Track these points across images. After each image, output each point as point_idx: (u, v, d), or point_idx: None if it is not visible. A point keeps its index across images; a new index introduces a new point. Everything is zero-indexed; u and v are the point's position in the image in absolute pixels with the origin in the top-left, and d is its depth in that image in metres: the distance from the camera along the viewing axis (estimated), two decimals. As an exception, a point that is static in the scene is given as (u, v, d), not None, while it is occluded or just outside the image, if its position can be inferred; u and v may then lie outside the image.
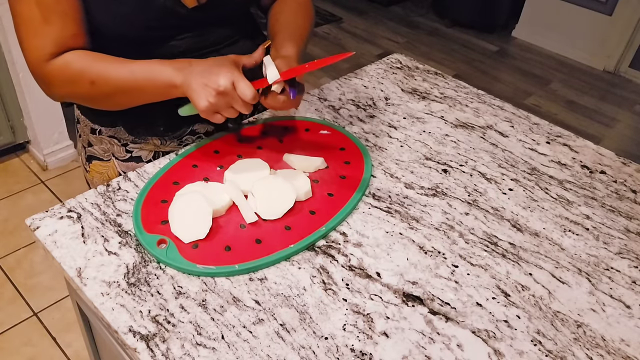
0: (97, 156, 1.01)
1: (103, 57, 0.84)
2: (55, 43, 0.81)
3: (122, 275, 0.72)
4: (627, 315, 0.73)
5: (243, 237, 0.77)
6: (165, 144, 0.99)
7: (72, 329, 1.72)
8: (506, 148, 1.02)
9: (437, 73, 1.25)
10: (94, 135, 1.00)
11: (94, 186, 1.03)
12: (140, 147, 0.99)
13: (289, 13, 0.99)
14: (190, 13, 0.86)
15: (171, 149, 0.99)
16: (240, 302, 0.70)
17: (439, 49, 3.59)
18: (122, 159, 1.00)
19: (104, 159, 1.01)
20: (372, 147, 0.99)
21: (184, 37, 0.89)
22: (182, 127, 0.97)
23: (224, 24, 0.93)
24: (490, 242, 0.82)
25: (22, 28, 0.80)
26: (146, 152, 0.99)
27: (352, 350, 0.65)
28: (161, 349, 0.64)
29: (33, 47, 0.81)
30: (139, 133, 0.96)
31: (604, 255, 0.81)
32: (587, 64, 3.49)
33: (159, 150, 0.99)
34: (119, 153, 0.99)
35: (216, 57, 0.83)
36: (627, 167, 1.00)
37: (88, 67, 0.82)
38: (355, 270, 0.75)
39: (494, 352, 0.66)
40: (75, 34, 0.82)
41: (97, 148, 1.01)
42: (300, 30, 0.95)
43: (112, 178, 0.99)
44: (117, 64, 0.83)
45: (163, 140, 0.98)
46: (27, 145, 2.36)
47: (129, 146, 0.99)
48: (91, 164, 1.02)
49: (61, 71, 0.82)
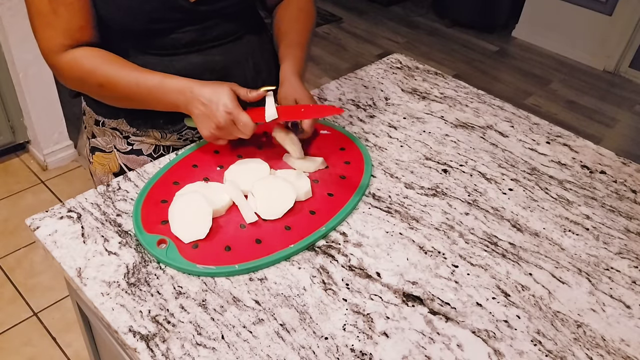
0: (99, 148, 1.03)
1: (113, 60, 0.86)
2: (64, 34, 0.83)
3: (122, 275, 0.72)
4: (627, 315, 0.73)
5: (243, 237, 0.77)
6: (166, 138, 0.99)
7: (72, 329, 1.72)
8: (506, 148, 1.02)
9: (437, 73, 1.25)
10: (97, 126, 1.01)
11: (96, 178, 1.05)
12: (141, 140, 0.99)
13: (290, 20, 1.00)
14: (193, 6, 0.87)
15: (171, 142, 1.00)
16: (240, 302, 0.70)
17: (439, 49, 3.59)
18: (123, 151, 1.01)
19: (106, 151, 1.02)
20: (372, 147, 0.99)
21: (187, 30, 0.90)
22: (182, 122, 0.98)
23: (228, 18, 0.93)
24: (490, 242, 0.82)
25: (34, 19, 0.83)
26: (147, 146, 1.00)
27: (352, 350, 0.65)
28: (161, 349, 0.64)
29: (44, 37, 0.84)
30: (140, 125, 0.97)
31: (604, 255, 0.81)
32: (587, 64, 3.49)
33: (159, 144, 1.00)
34: (120, 145, 1.00)
35: (215, 83, 0.84)
36: (627, 167, 1.00)
37: (97, 68, 0.85)
38: (355, 270, 0.75)
39: (494, 352, 0.66)
40: (82, 26, 0.84)
41: (100, 140, 1.02)
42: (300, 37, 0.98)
43: (113, 170, 1.02)
44: (125, 70, 0.85)
45: (163, 134, 0.98)
46: (27, 145, 2.36)
47: (130, 139, 1.00)
48: (94, 155, 1.04)
49: (71, 68, 0.85)
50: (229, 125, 0.82)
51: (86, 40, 0.86)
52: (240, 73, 0.97)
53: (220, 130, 0.83)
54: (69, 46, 0.84)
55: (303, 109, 0.86)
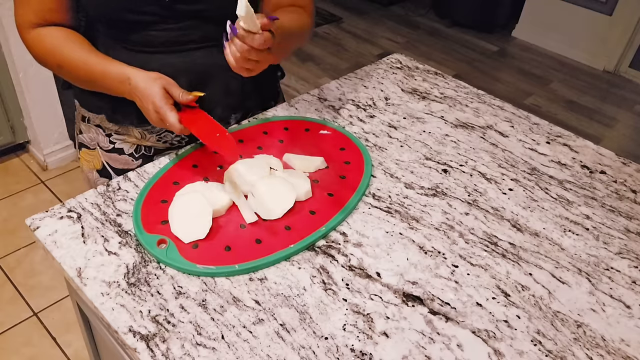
0: (85, 144, 1.05)
1: (72, 41, 0.88)
2: (35, 13, 0.87)
3: (122, 275, 0.72)
4: (627, 315, 0.73)
5: (243, 237, 0.77)
6: (146, 138, 1.00)
7: (72, 329, 1.72)
8: (506, 148, 1.02)
9: (437, 73, 1.25)
10: (83, 123, 1.03)
11: (84, 174, 1.08)
12: (123, 139, 1.00)
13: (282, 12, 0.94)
14: (170, 3, 0.86)
15: (152, 143, 1.00)
16: (240, 302, 0.70)
17: (439, 49, 3.59)
18: (105, 149, 1.02)
19: (90, 148, 1.04)
20: (372, 147, 0.99)
21: (165, 29, 0.89)
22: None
23: (210, 22, 0.90)
24: (490, 242, 0.82)
25: None
26: (128, 145, 1.01)
27: (352, 350, 0.65)
28: (161, 349, 0.64)
29: (18, 13, 0.89)
30: (118, 120, 0.98)
31: (604, 255, 0.81)
32: (587, 64, 3.49)
33: (140, 144, 1.00)
34: (103, 143, 1.02)
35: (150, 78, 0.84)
36: (627, 167, 1.00)
37: (57, 48, 0.88)
38: (355, 270, 0.75)
39: (494, 352, 0.66)
40: (52, 9, 0.87)
41: (86, 136, 1.04)
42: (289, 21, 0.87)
43: (97, 167, 1.03)
44: (79, 53, 0.88)
45: (143, 134, 0.99)
46: (27, 145, 2.35)
47: (112, 137, 1.00)
48: (81, 151, 1.06)
49: (34, 44, 0.89)
50: (159, 122, 0.84)
51: (57, 22, 0.89)
52: (222, 78, 0.95)
53: (155, 122, 0.85)
54: (37, 24, 0.88)
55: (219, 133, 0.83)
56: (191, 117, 0.84)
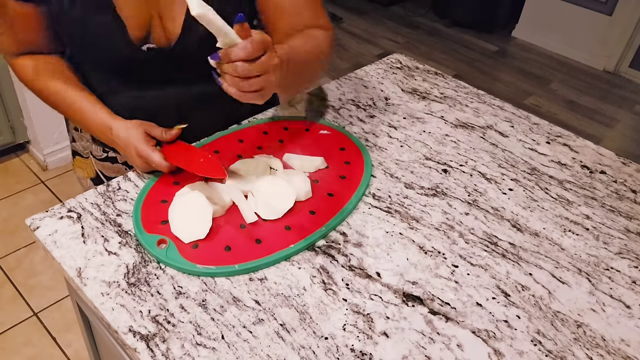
0: (78, 152, 1.05)
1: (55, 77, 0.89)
2: (16, 45, 0.88)
3: (122, 275, 0.72)
4: (627, 315, 0.73)
5: (243, 237, 0.77)
6: None
7: (72, 329, 1.72)
8: (506, 148, 1.02)
9: (437, 73, 1.25)
10: (76, 131, 1.04)
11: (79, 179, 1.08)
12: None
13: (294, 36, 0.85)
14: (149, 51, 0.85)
15: None
16: (240, 302, 0.70)
17: (439, 49, 3.59)
18: (99, 158, 1.02)
19: (84, 156, 1.04)
20: (372, 147, 0.99)
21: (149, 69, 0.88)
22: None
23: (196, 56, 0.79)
24: (490, 242, 0.82)
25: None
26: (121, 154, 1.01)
27: (352, 350, 0.65)
28: (161, 349, 0.64)
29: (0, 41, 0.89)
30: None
31: (604, 255, 0.81)
32: (587, 64, 3.49)
33: None
34: (96, 152, 1.02)
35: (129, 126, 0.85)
36: (627, 167, 1.00)
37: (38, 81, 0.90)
38: (355, 270, 0.75)
39: (494, 352, 0.66)
40: (32, 41, 0.87)
41: (79, 144, 1.04)
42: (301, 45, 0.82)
43: (91, 175, 1.04)
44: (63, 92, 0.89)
45: None
46: (27, 145, 2.36)
47: (105, 146, 1.01)
48: (75, 159, 1.07)
49: (18, 71, 0.91)
50: (145, 165, 0.85)
51: (42, 51, 0.89)
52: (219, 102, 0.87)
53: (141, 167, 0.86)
54: (20, 53, 0.89)
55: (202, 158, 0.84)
56: (173, 151, 0.86)
